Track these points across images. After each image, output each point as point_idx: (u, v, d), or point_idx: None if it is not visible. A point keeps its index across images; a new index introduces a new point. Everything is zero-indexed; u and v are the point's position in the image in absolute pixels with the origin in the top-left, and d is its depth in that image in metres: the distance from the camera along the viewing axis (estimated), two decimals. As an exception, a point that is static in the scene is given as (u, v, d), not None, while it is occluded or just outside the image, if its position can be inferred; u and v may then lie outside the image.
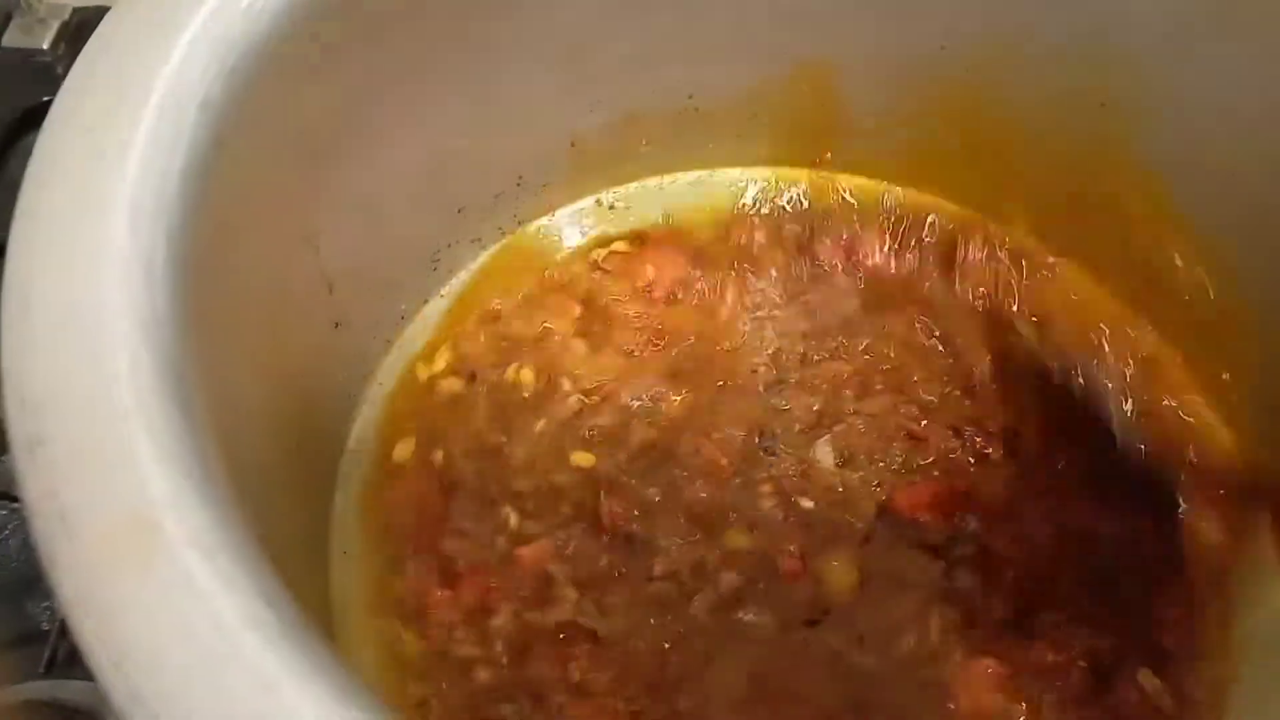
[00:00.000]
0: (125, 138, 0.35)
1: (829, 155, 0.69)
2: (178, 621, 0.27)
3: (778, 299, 0.65)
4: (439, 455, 0.57)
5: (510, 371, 0.61)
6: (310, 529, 0.53)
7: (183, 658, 0.26)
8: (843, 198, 0.69)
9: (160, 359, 0.32)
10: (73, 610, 0.27)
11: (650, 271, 0.66)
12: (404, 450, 0.58)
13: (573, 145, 0.65)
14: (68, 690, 0.54)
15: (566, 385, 0.60)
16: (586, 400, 0.59)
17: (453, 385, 0.61)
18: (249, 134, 0.41)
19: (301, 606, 0.30)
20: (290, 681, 0.26)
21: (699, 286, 0.65)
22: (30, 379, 0.30)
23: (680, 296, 0.64)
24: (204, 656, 0.26)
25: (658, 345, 0.62)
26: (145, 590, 0.27)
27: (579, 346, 0.61)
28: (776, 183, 0.70)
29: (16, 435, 0.29)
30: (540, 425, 0.58)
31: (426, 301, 0.63)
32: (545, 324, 0.63)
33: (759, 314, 0.64)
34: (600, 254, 0.67)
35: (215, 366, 0.38)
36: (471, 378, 0.61)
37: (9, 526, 0.60)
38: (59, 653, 0.55)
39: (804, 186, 0.70)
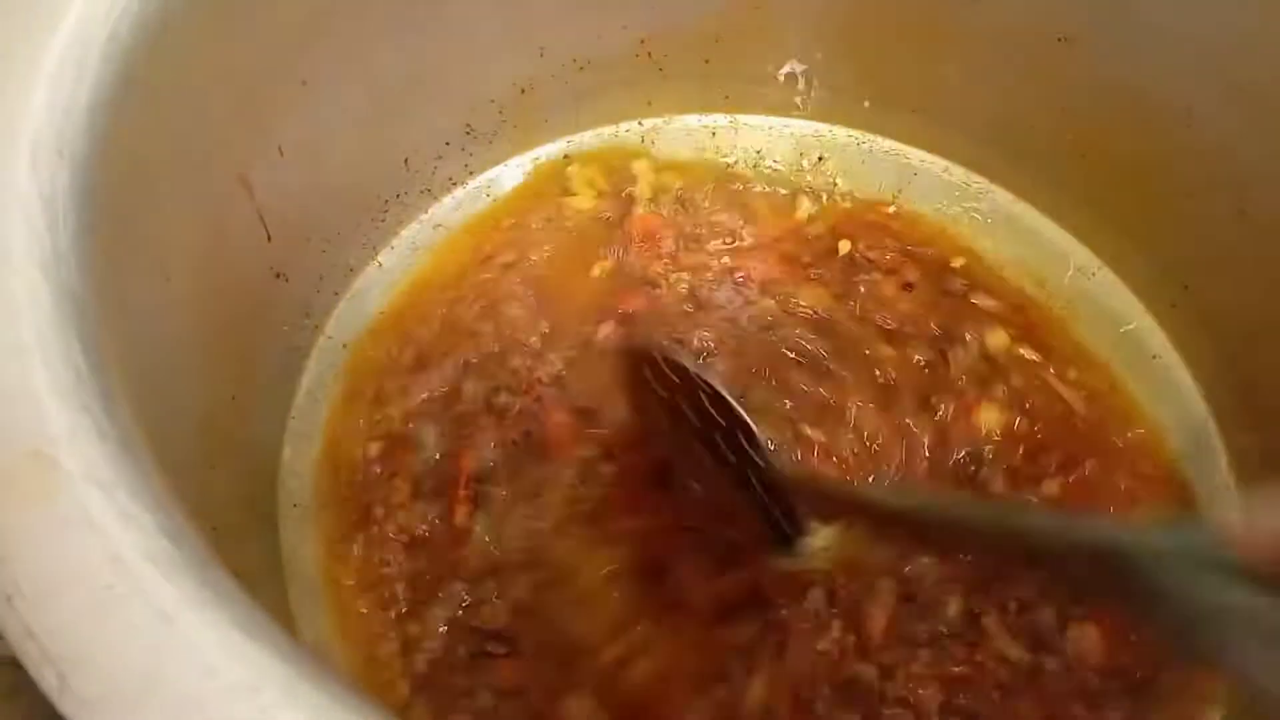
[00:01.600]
0: (27, 74, 0.34)
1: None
2: (74, 556, 0.26)
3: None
4: (390, 408, 0.56)
5: (466, 322, 0.59)
6: (257, 483, 0.52)
7: (78, 592, 0.26)
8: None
9: (61, 296, 0.31)
10: (-35, 546, 0.26)
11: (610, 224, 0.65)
12: (353, 402, 0.57)
13: (523, 93, 0.64)
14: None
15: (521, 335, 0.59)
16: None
17: (404, 342, 0.59)
18: (167, 72, 0.40)
19: (242, 554, 0.29)
20: (190, 612, 0.26)
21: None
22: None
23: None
24: (100, 590, 0.26)
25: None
26: (41, 525, 0.26)
27: (530, 297, 0.60)
28: (736, 130, 0.69)
29: (-93, 372, 0.28)
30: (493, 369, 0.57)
31: (376, 253, 0.62)
32: (498, 274, 0.61)
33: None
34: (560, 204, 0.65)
35: (134, 303, 0.37)
36: (422, 329, 0.59)
37: None
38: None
39: (763, 135, 0.69)
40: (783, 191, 0.67)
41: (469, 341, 0.59)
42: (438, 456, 0.55)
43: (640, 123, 0.69)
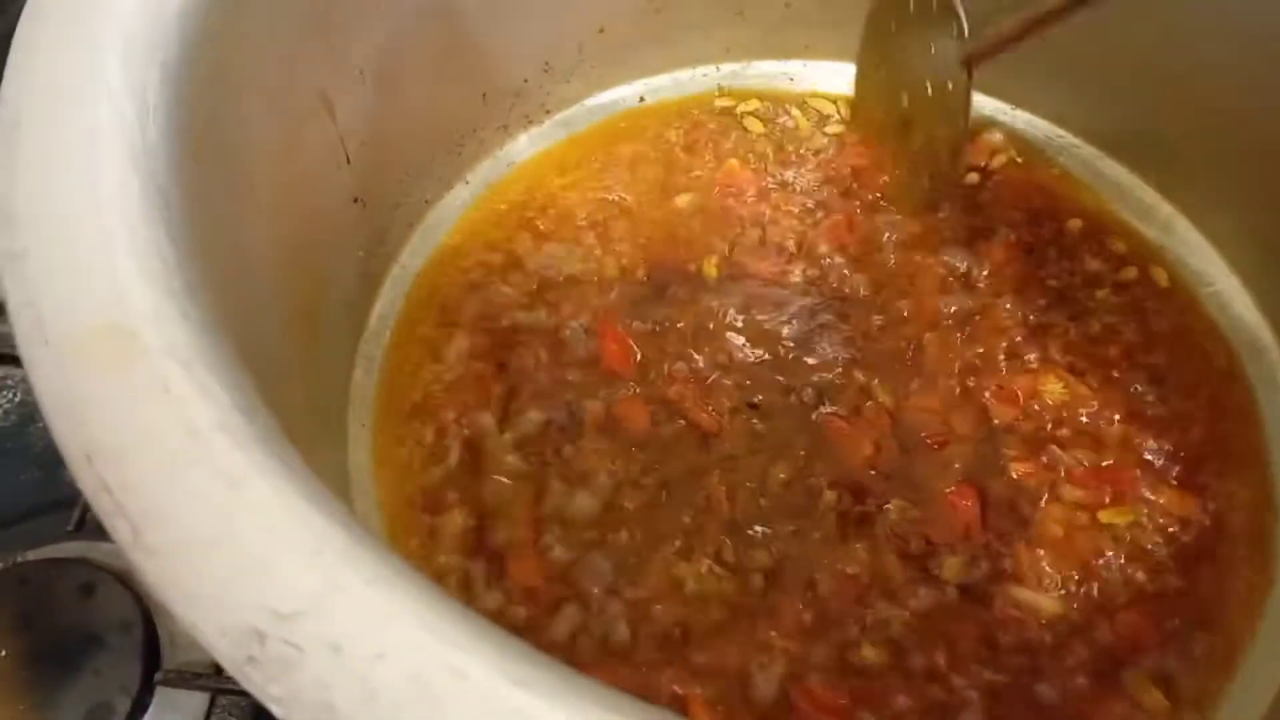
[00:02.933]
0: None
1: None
2: (150, 422, 0.27)
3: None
4: (462, 337, 0.57)
5: (537, 259, 0.60)
6: (328, 398, 0.54)
7: (152, 455, 0.27)
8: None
9: (149, 185, 0.32)
10: (48, 409, 0.28)
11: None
12: (426, 332, 0.58)
13: (601, 32, 0.64)
14: (98, 551, 0.56)
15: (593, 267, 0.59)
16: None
17: (478, 272, 0.60)
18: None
19: (311, 461, 0.30)
20: (258, 480, 0.26)
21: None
22: (13, 197, 0.30)
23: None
24: (173, 454, 0.27)
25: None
26: (119, 392, 0.28)
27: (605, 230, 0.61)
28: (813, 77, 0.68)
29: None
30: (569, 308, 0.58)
31: (451, 188, 0.63)
32: (573, 213, 0.62)
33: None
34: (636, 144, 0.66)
35: (218, 206, 0.38)
36: (496, 264, 0.60)
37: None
38: (88, 514, 0.57)
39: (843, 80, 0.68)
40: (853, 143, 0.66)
41: (539, 277, 0.59)
42: (503, 388, 0.56)
43: (717, 67, 0.69)
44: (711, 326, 0.57)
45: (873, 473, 0.53)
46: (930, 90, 0.59)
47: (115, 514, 0.26)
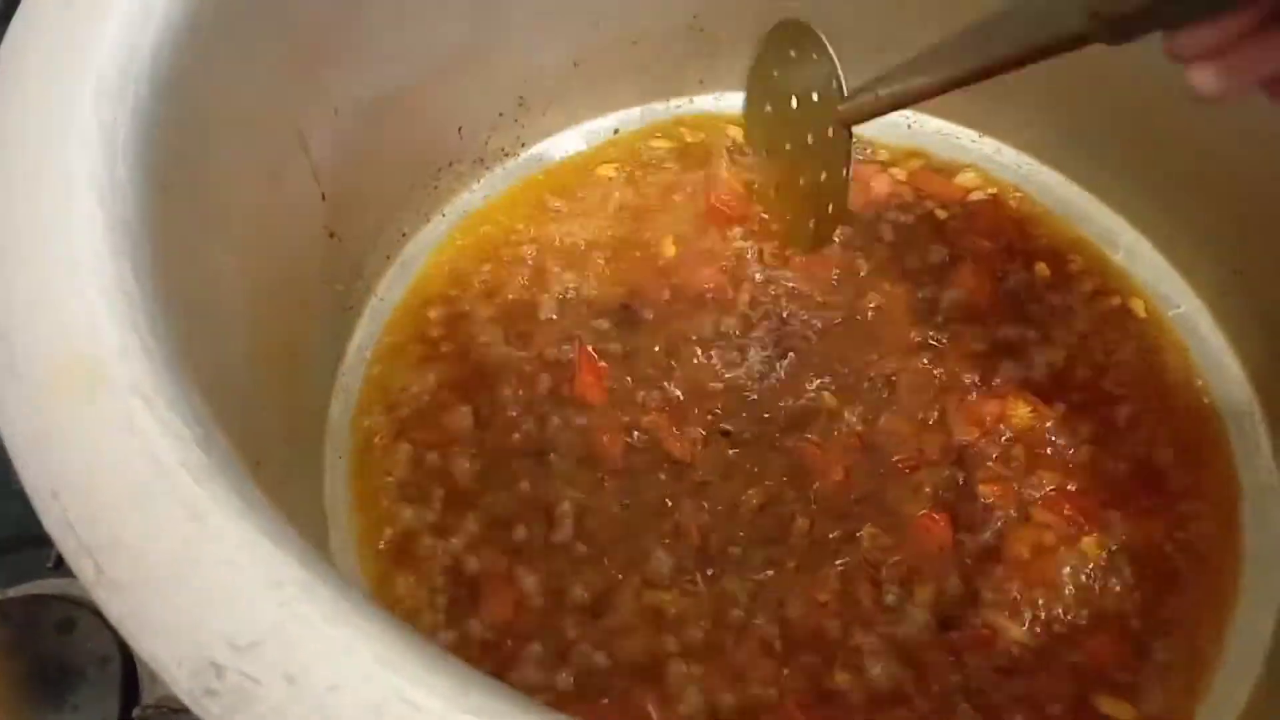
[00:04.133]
0: (98, 12, 0.36)
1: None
2: (115, 457, 0.28)
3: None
4: (438, 369, 0.58)
5: (512, 290, 0.61)
6: (305, 430, 0.54)
7: (116, 488, 0.27)
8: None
9: (115, 223, 0.33)
10: (15, 444, 0.28)
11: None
12: (398, 362, 0.58)
13: (575, 65, 0.65)
14: (77, 587, 0.56)
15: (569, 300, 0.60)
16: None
17: (452, 305, 0.61)
18: (229, 21, 0.42)
19: (285, 493, 0.30)
20: (220, 514, 0.27)
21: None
22: (-14, 233, 0.31)
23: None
24: (137, 488, 0.27)
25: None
26: (85, 427, 0.28)
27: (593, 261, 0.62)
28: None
29: (-31, 285, 0.30)
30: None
31: (428, 221, 0.64)
32: (548, 244, 0.63)
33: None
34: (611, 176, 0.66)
35: (189, 242, 0.39)
36: (472, 296, 0.61)
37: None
38: (67, 549, 0.57)
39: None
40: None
41: (514, 308, 0.60)
42: (478, 428, 0.56)
43: (690, 99, 0.70)
44: (684, 355, 0.58)
45: (844, 498, 0.53)
46: (811, 140, 0.60)
47: (80, 552, 0.26)
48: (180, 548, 0.26)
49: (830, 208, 0.59)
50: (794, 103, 0.61)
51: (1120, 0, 0.35)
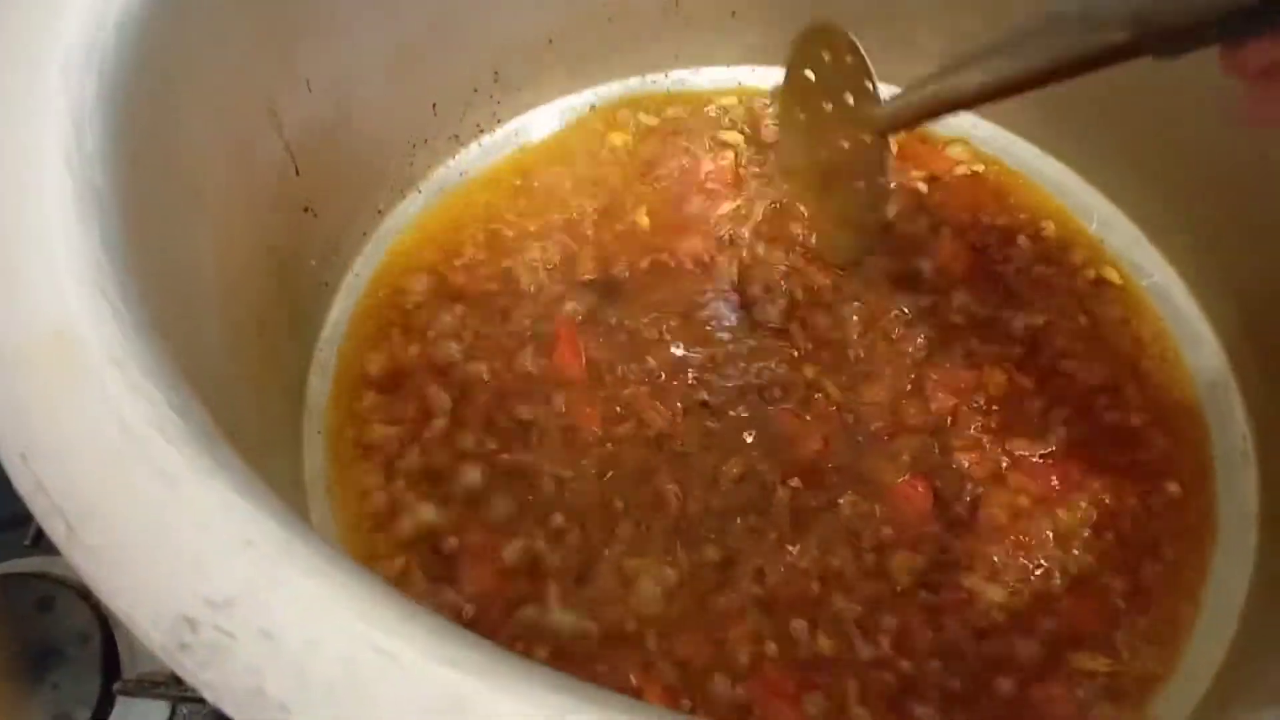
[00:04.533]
0: (62, -12, 0.36)
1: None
2: (86, 422, 0.28)
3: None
4: (415, 346, 0.58)
5: (489, 265, 0.60)
6: (283, 406, 0.54)
7: (88, 453, 0.27)
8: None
9: (85, 190, 0.33)
10: (-14, 411, 0.28)
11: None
12: (375, 339, 0.58)
13: (550, 42, 0.65)
14: (56, 566, 0.56)
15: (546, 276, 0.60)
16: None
17: (429, 281, 0.61)
18: (196, -4, 0.41)
19: (264, 468, 0.30)
20: (192, 476, 0.27)
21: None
22: (-46, 204, 0.31)
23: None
24: (109, 453, 0.27)
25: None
26: (55, 393, 0.28)
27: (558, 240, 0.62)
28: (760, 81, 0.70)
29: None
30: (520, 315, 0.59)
31: (404, 196, 0.64)
32: (526, 219, 0.63)
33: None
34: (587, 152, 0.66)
35: (161, 214, 0.39)
36: (449, 272, 0.61)
37: None
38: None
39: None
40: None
41: (492, 284, 0.60)
42: (460, 392, 0.56)
43: (666, 74, 0.70)
44: (664, 327, 0.58)
45: (823, 467, 0.54)
46: (847, 145, 0.57)
47: (51, 512, 0.26)
48: (153, 508, 0.26)
49: (871, 218, 0.58)
50: (828, 107, 0.58)
51: (1170, 11, 0.32)
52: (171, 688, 0.52)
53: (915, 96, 0.51)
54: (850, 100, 0.56)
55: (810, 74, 0.59)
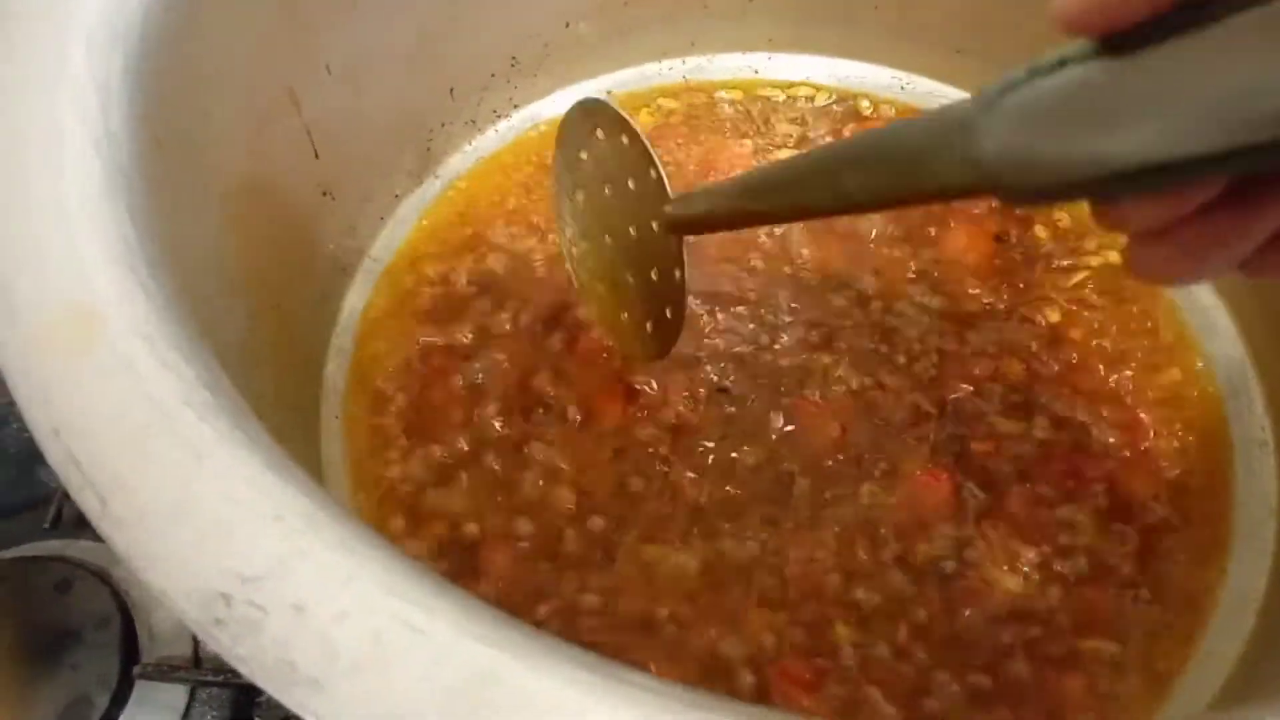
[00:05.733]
0: (87, -34, 0.36)
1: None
2: (116, 397, 0.28)
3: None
4: (432, 331, 0.58)
5: (506, 250, 0.61)
6: (300, 390, 0.54)
7: (118, 428, 0.27)
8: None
9: (111, 169, 0.33)
10: (17, 388, 0.28)
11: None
12: (391, 323, 0.58)
13: (568, 27, 0.65)
14: (75, 549, 0.56)
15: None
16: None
17: (446, 266, 0.61)
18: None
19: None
20: (222, 451, 0.27)
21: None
22: (-18, 182, 0.31)
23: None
24: (139, 427, 0.27)
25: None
26: (86, 369, 0.28)
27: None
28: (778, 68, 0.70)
29: (-32, 232, 0.30)
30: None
31: (421, 181, 0.64)
32: (543, 204, 0.63)
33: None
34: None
35: (182, 195, 0.39)
36: (466, 257, 0.61)
37: (20, 400, 0.62)
38: (64, 511, 0.57)
39: (804, 72, 0.69)
40: (823, 132, 0.67)
41: (510, 268, 0.60)
42: (478, 378, 0.56)
43: (683, 60, 0.70)
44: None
45: (843, 455, 0.54)
46: (634, 233, 0.50)
47: (84, 487, 0.26)
48: (184, 483, 0.26)
49: (668, 312, 0.49)
50: (607, 190, 0.51)
51: (1019, 169, 0.26)
52: (190, 671, 0.52)
53: (707, 199, 0.45)
54: (631, 184, 0.49)
55: (584, 154, 0.52)
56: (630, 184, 0.49)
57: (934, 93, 0.68)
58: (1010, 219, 0.63)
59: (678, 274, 0.48)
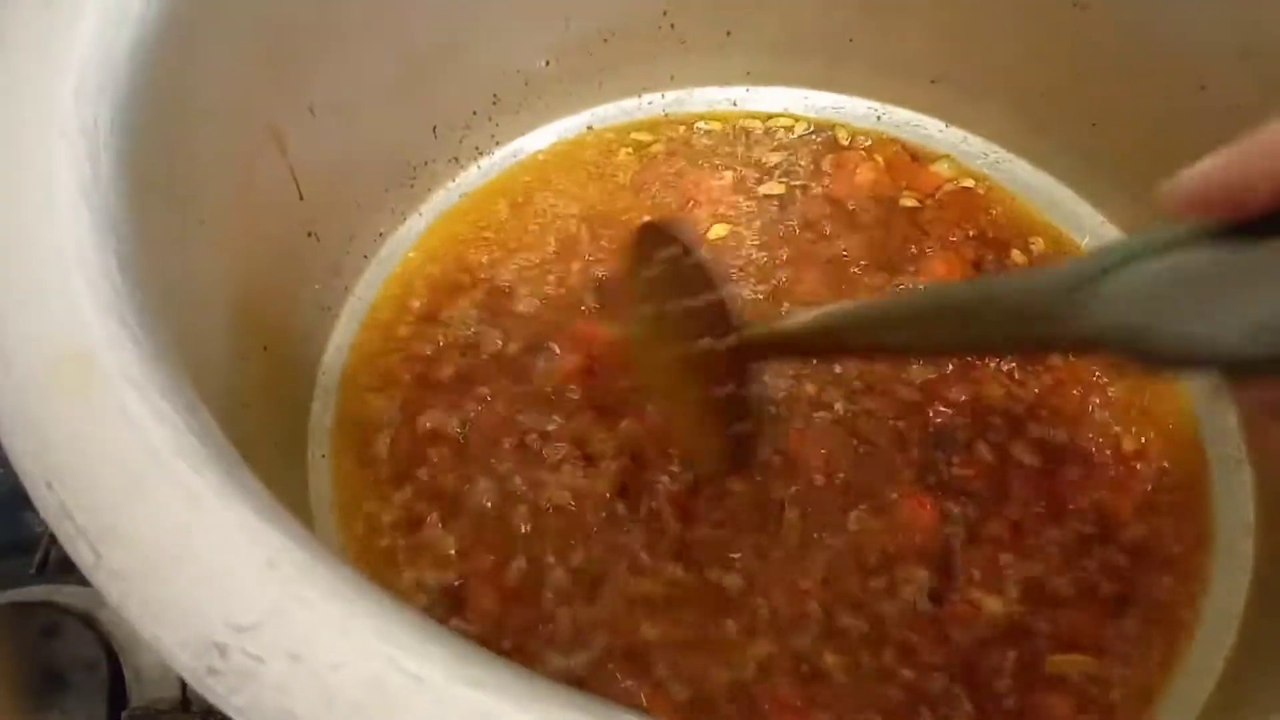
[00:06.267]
0: (75, 11, 0.36)
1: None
2: (108, 445, 0.28)
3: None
4: (419, 368, 0.58)
5: (491, 286, 0.61)
6: (287, 430, 0.54)
7: (111, 476, 0.27)
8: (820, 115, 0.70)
9: (100, 217, 0.33)
10: (9, 436, 0.28)
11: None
12: (376, 362, 0.58)
13: (547, 64, 0.66)
14: (62, 594, 0.56)
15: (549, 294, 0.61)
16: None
17: (431, 304, 0.61)
18: (205, 21, 0.42)
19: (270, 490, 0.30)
20: (215, 499, 0.27)
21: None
22: (-28, 231, 0.31)
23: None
24: (133, 477, 0.27)
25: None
26: (79, 418, 0.28)
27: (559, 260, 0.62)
28: (757, 101, 0.71)
29: (-42, 282, 0.30)
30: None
31: (404, 220, 0.64)
32: (526, 240, 0.63)
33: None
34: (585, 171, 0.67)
35: (170, 238, 0.39)
36: (450, 295, 0.61)
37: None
38: (50, 556, 0.57)
39: (781, 104, 0.70)
40: (802, 163, 0.68)
41: (493, 304, 0.60)
42: (466, 413, 0.56)
43: (662, 95, 0.70)
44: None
45: (828, 483, 0.54)
46: (708, 345, 0.48)
47: (77, 538, 0.27)
48: (178, 532, 0.26)
49: (739, 428, 0.49)
50: (674, 306, 0.50)
51: (1130, 344, 0.27)
52: (178, 714, 0.52)
53: (783, 329, 0.45)
54: (699, 303, 0.48)
55: (648, 272, 0.51)
56: (695, 303, 0.48)
57: (910, 122, 0.69)
58: (987, 245, 0.63)
59: (748, 393, 0.47)
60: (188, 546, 0.26)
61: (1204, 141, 0.54)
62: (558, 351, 0.58)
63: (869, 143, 0.68)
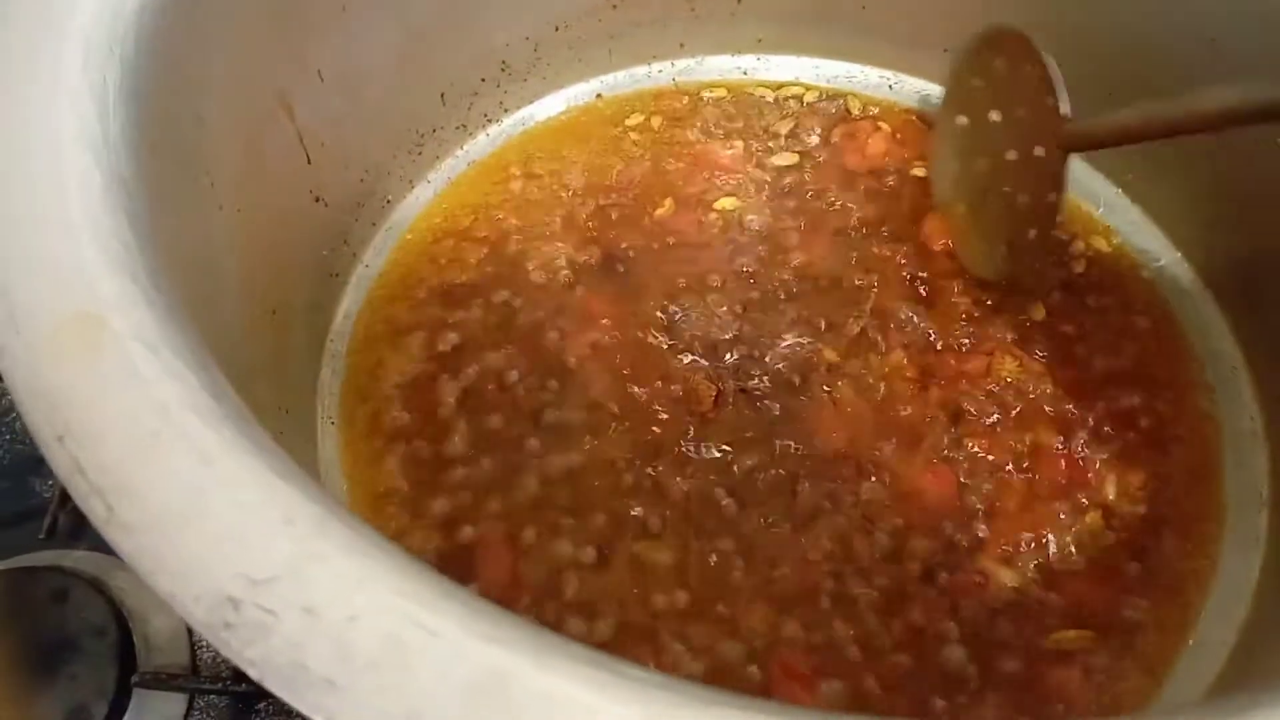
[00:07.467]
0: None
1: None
2: (121, 404, 0.28)
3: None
4: (426, 336, 0.58)
5: (499, 254, 0.61)
6: (296, 396, 0.54)
7: (124, 435, 0.27)
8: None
9: (111, 178, 0.33)
10: (19, 395, 0.28)
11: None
12: (385, 328, 0.58)
13: (557, 30, 0.65)
14: (71, 558, 0.56)
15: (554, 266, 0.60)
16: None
17: (438, 271, 0.61)
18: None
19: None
20: (228, 456, 0.27)
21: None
22: (-18, 192, 0.31)
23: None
24: (146, 434, 0.27)
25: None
26: (90, 377, 0.28)
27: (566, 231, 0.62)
28: (767, 70, 0.70)
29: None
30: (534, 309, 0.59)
31: (413, 187, 0.64)
32: (534, 208, 0.63)
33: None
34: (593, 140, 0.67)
35: (179, 202, 0.39)
36: (458, 261, 0.61)
37: (15, 409, 0.62)
38: (59, 522, 0.57)
39: (793, 73, 0.70)
40: (816, 130, 0.67)
41: (502, 272, 0.60)
42: (473, 379, 0.56)
43: (672, 63, 0.70)
44: (675, 314, 0.58)
45: (842, 455, 0.54)
46: (1014, 158, 0.56)
47: (90, 494, 0.26)
48: (191, 489, 0.26)
49: (1032, 234, 0.56)
50: (995, 116, 0.57)
51: None
52: (188, 679, 0.52)
53: (1123, 114, 0.50)
54: (1022, 112, 0.54)
55: (979, 81, 0.58)
56: (1022, 110, 0.54)
57: (922, 91, 0.68)
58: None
59: (1052, 197, 0.53)
60: (201, 502, 0.26)
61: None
62: (567, 318, 0.57)
63: (880, 112, 0.68)
